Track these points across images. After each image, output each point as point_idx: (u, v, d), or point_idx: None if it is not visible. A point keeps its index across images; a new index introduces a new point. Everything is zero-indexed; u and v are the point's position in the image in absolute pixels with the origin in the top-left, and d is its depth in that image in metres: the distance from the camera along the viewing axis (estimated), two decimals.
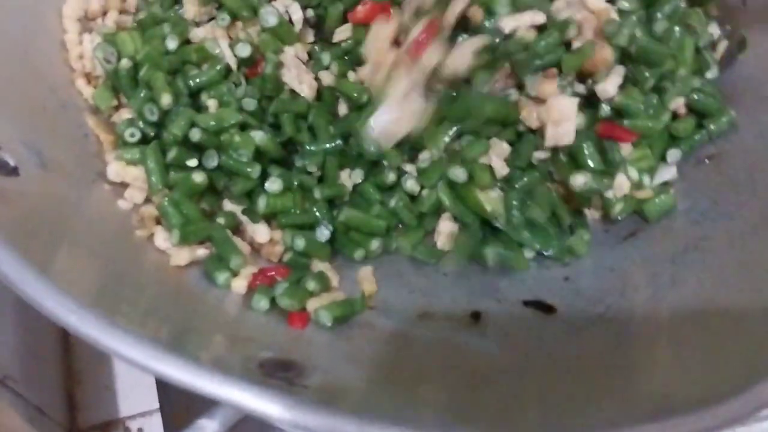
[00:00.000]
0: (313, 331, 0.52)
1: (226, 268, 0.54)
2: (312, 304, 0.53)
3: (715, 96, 0.63)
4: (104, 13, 0.65)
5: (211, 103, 0.58)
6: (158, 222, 0.56)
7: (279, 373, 0.44)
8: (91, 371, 0.63)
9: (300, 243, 0.56)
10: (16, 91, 0.57)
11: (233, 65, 0.60)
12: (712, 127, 0.62)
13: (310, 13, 0.65)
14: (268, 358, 0.46)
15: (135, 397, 0.61)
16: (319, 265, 0.57)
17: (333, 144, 0.60)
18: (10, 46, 0.59)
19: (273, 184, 0.57)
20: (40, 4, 0.63)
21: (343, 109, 0.62)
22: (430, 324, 0.54)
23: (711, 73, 0.65)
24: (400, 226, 0.61)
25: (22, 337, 0.60)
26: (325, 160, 0.59)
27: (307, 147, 0.60)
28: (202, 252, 0.55)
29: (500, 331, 0.53)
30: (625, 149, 0.58)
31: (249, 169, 0.56)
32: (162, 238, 0.55)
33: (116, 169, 0.56)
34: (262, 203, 0.57)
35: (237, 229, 0.58)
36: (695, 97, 0.62)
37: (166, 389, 0.62)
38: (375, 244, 0.58)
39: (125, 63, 0.60)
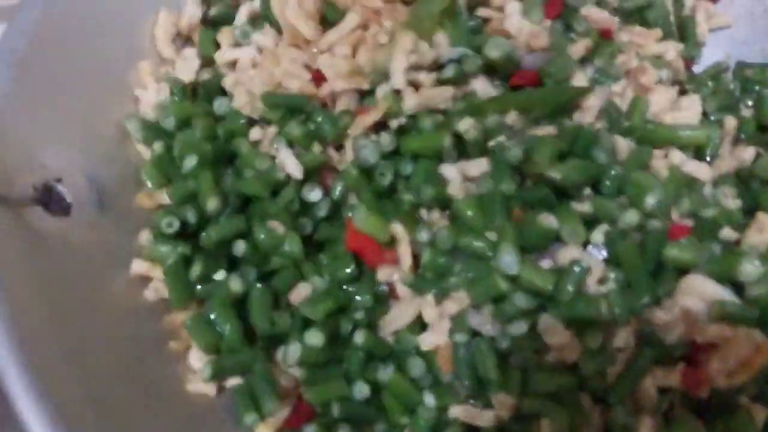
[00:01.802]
0: None
1: (257, 410, 0.45)
2: None
3: None
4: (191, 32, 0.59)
5: (275, 224, 0.48)
6: None
7: None
8: None
9: (337, 410, 0.46)
10: (98, 117, 0.52)
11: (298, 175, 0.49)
12: None
13: None
14: None
15: None
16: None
17: None
18: (106, 66, 0.54)
19: (313, 338, 0.46)
20: (147, 17, 0.57)
21: None
22: None
23: None
24: None
25: None
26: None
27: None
28: (234, 381, 0.47)
29: None
30: None
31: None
32: (197, 358, 0.47)
33: (140, 268, 0.49)
34: (293, 354, 0.46)
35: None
36: None
37: None
38: (404, 420, 0.47)
39: (158, 148, 0.52)
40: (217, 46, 0.58)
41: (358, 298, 0.48)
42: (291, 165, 0.49)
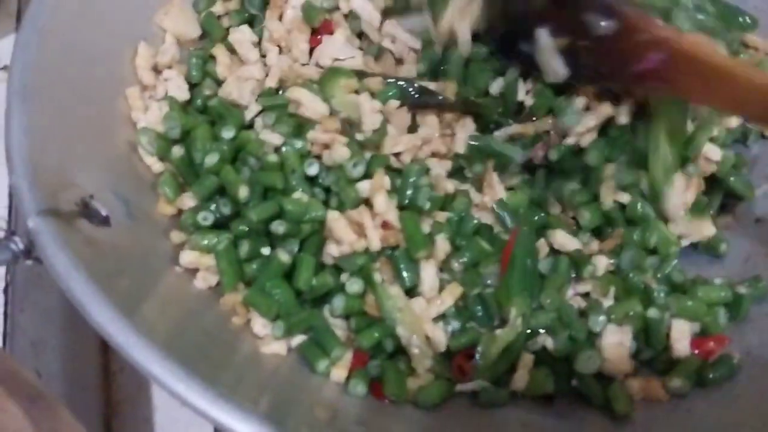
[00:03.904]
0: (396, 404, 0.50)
1: (326, 357, 0.51)
2: (411, 385, 0.51)
3: None
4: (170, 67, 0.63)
5: (298, 194, 0.54)
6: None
7: None
8: (130, 402, 0.60)
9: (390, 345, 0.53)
10: (104, 138, 0.56)
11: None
12: None
13: None
14: None
15: (173, 431, 0.59)
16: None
17: None
18: (100, 92, 0.58)
19: (354, 286, 0.52)
20: (128, 48, 0.62)
21: None
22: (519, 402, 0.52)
23: None
24: None
25: (64, 365, 0.59)
26: None
27: None
28: (300, 339, 0.52)
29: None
30: None
31: None
32: (260, 325, 0.51)
33: (190, 259, 0.53)
34: (338, 305, 0.53)
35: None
36: None
37: None
38: None
39: (177, 151, 0.57)
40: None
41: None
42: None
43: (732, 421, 0.50)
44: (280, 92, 0.61)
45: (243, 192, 0.54)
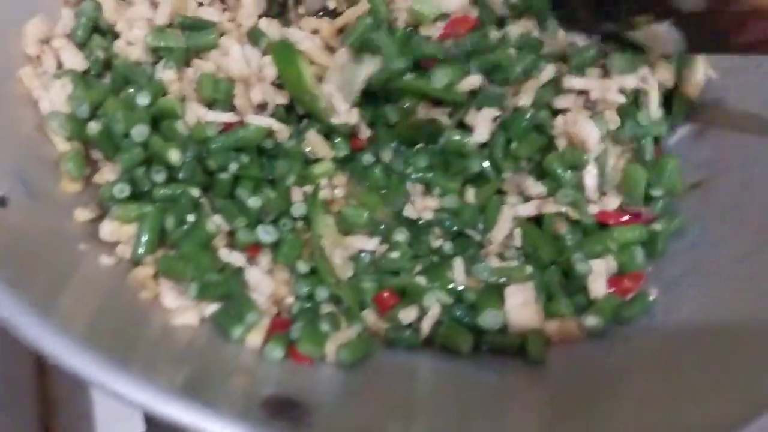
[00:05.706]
0: (316, 366, 0.50)
1: (241, 323, 0.50)
2: (330, 346, 0.51)
3: None
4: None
5: None
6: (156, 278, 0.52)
7: (283, 413, 0.44)
8: (68, 400, 0.58)
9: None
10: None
11: None
12: None
13: None
14: (270, 395, 0.45)
15: (115, 426, 0.58)
16: (326, 307, 0.53)
17: None
18: None
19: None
20: (16, 27, 0.60)
21: None
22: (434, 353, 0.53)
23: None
24: None
25: None
26: None
27: None
28: (213, 308, 0.51)
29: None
30: None
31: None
32: (172, 297, 0.50)
33: (111, 229, 0.52)
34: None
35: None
36: None
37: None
38: None
39: (94, 127, 0.54)
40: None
41: None
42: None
43: (651, 352, 0.51)
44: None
45: (175, 155, 0.53)
